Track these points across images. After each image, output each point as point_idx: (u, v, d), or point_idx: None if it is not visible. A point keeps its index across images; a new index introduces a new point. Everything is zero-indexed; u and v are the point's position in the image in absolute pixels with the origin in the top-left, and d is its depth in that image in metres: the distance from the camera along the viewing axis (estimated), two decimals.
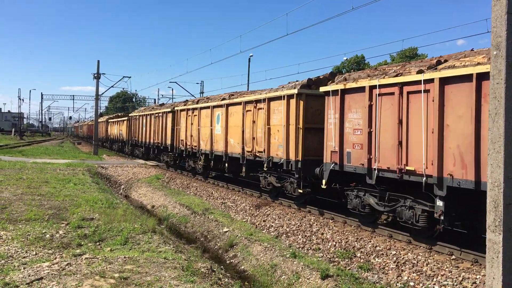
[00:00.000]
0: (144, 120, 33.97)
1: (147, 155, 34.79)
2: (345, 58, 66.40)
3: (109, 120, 53.31)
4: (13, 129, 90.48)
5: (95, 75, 42.34)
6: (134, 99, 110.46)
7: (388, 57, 70.66)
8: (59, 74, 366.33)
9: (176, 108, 26.35)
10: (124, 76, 46.58)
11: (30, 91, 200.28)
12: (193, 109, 23.02)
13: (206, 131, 21.29)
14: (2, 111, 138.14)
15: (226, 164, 19.33)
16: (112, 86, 47.65)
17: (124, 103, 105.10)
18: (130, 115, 39.10)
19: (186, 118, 24.17)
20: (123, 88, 69.78)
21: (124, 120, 42.41)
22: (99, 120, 55.76)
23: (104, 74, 43.40)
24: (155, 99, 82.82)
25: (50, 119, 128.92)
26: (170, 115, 27.22)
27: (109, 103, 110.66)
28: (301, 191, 14.01)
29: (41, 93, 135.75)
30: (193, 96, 53.87)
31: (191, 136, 23.37)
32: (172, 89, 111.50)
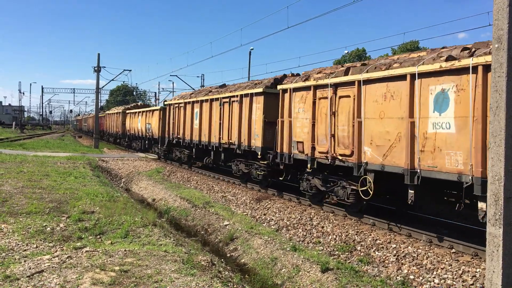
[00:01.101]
0: (201, 109, 22.07)
1: (216, 163, 22.28)
2: (346, 52, 66.25)
3: (128, 111, 42.37)
4: (13, 123, 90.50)
5: (96, 68, 42.29)
6: (134, 93, 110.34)
7: (389, 50, 70.41)
8: (59, 68, 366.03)
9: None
10: (124, 70, 46.58)
11: (30, 84, 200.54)
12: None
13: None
14: (3, 104, 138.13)
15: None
16: (112, 80, 47.65)
17: (124, 97, 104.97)
18: (167, 103, 27.82)
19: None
20: (123, 82, 69.86)
21: (154, 111, 32.41)
22: (110, 112, 52.68)
23: (104, 67, 43.34)
24: (155, 93, 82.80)
25: (50, 112, 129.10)
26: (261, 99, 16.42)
27: (110, 97, 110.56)
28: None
29: (42, 86, 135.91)
30: (193, 89, 53.72)
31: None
32: (173, 83, 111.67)
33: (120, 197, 14.55)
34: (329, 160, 11.98)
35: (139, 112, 36.69)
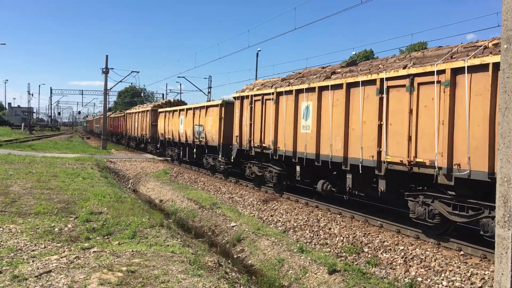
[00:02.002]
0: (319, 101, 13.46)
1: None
2: (354, 53, 66.01)
3: (161, 110, 32.80)
4: (22, 124, 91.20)
5: (104, 70, 42.48)
6: (142, 94, 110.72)
7: (397, 52, 70.12)
8: (68, 69, 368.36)
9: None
10: (132, 71, 46.64)
11: (39, 86, 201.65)
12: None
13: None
14: (12, 105, 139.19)
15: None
16: (120, 81, 47.94)
17: (132, 98, 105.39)
18: (238, 94, 18.67)
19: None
20: (131, 83, 70.12)
21: (210, 107, 22.79)
22: (133, 111, 43.52)
23: (112, 69, 43.48)
24: (163, 94, 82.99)
25: (59, 113, 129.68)
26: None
27: (118, 98, 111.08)
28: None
29: (50, 87, 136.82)
30: (201, 90, 53.66)
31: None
32: (180, 84, 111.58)
33: (127, 198, 14.60)
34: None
35: (181, 110, 27.72)
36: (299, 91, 14.16)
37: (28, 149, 34.08)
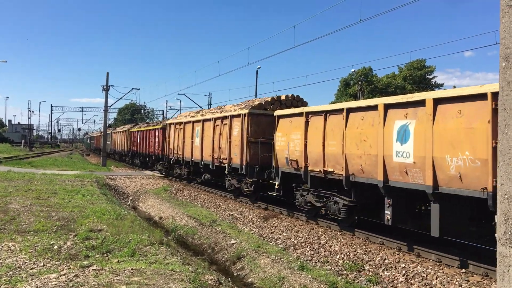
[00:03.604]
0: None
1: None
2: (352, 70, 66.45)
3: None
4: (22, 141, 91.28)
5: (104, 87, 42.69)
6: (142, 111, 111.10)
7: (396, 69, 70.56)
8: (68, 86, 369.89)
9: None
10: (133, 88, 46.95)
11: (40, 103, 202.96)
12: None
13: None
14: (12, 122, 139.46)
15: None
16: (121, 98, 48.12)
17: (132, 115, 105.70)
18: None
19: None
20: (131, 100, 70.23)
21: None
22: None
23: (113, 86, 43.68)
24: (163, 111, 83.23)
25: (59, 130, 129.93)
26: None
27: (118, 115, 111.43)
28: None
29: (51, 105, 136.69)
30: (201, 107, 53.82)
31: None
32: (180, 101, 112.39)
33: (127, 215, 14.54)
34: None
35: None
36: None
37: (27, 166, 34.05)
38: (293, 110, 15.21)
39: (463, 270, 9.10)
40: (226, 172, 19.93)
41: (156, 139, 34.24)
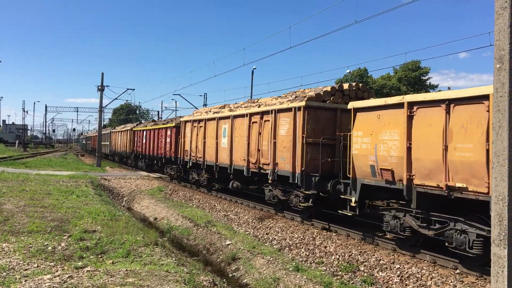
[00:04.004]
0: None
1: None
2: (348, 71, 66.62)
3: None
4: (17, 141, 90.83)
5: (99, 87, 42.56)
6: (137, 111, 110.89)
7: (391, 70, 70.85)
8: (63, 86, 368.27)
9: None
10: (128, 89, 46.83)
11: (34, 103, 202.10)
12: None
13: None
14: (6, 123, 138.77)
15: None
16: (116, 98, 48.06)
17: (127, 115, 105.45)
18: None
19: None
20: (126, 100, 70.15)
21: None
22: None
23: (108, 86, 43.59)
24: (158, 111, 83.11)
25: (54, 131, 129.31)
26: None
27: (113, 115, 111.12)
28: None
29: (45, 105, 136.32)
30: (196, 108, 53.64)
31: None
32: (176, 102, 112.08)
33: (121, 216, 14.50)
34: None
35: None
36: None
37: (22, 166, 33.87)
38: (383, 100, 11.15)
39: (458, 271, 9.13)
40: (269, 181, 16.02)
41: (168, 139, 29.90)
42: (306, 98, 14.23)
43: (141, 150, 37.75)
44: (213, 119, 21.05)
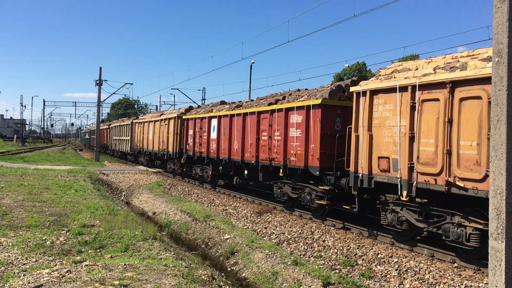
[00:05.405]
0: None
1: None
2: (346, 65, 66.48)
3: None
4: (15, 136, 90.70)
5: (97, 82, 42.43)
6: (136, 106, 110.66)
7: (389, 64, 70.59)
8: (61, 81, 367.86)
9: None
10: (126, 83, 46.59)
11: (32, 97, 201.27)
12: None
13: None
14: (4, 117, 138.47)
15: None
16: (114, 93, 47.72)
17: (125, 110, 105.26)
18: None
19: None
20: (125, 95, 69.68)
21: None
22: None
23: (106, 80, 43.40)
24: (157, 106, 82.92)
25: (52, 125, 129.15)
26: None
27: (111, 110, 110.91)
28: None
29: (43, 99, 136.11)
30: (195, 102, 53.48)
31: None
32: (174, 96, 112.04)
33: (120, 211, 14.50)
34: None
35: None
36: None
37: (20, 161, 33.84)
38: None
39: (456, 265, 9.16)
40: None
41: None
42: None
43: (200, 150, 23.06)
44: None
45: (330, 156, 13.06)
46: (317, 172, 13.25)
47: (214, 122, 21.17)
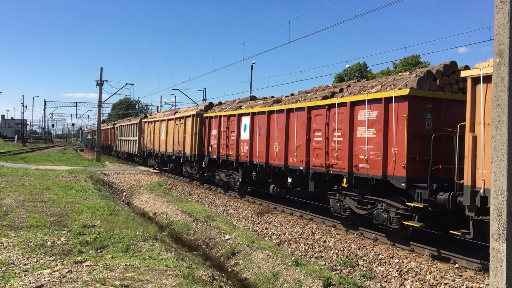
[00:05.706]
0: None
1: None
2: (347, 66, 66.47)
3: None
4: (16, 136, 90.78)
5: (98, 82, 42.45)
6: (136, 106, 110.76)
7: (390, 65, 70.72)
8: (62, 81, 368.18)
9: None
10: (127, 83, 46.52)
11: (33, 98, 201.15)
12: None
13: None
14: (5, 118, 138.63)
15: None
16: (115, 93, 47.77)
17: (126, 110, 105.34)
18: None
19: None
20: (126, 95, 69.77)
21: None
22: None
23: (107, 81, 43.44)
24: (157, 106, 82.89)
25: (53, 125, 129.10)
26: None
27: (112, 110, 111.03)
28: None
29: (44, 100, 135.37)
30: (195, 103, 53.45)
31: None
32: (175, 96, 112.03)
33: (121, 211, 14.51)
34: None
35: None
36: None
37: (21, 161, 33.85)
38: None
39: (457, 265, 9.15)
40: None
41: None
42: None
43: (235, 154, 19.18)
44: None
45: (421, 163, 10.18)
46: (403, 184, 10.28)
47: (245, 120, 18.18)
